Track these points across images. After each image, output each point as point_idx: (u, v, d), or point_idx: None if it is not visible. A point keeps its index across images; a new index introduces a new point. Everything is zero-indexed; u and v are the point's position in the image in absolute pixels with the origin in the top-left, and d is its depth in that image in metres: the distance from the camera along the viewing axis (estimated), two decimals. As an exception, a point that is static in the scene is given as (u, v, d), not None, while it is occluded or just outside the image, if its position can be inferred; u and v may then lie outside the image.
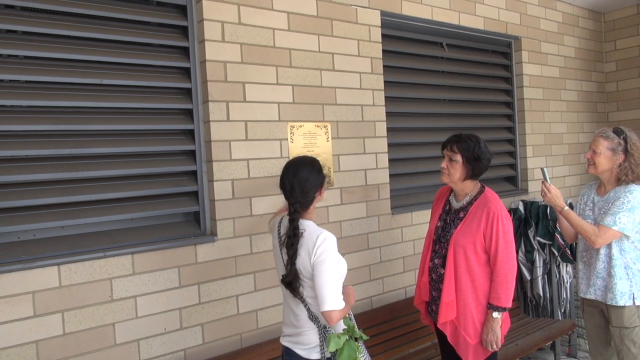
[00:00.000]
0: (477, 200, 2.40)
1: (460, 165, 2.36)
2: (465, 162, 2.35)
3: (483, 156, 2.36)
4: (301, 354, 2.02)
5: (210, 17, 2.66)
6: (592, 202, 2.77)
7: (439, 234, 2.50)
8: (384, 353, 3.14)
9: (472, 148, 2.34)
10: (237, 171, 2.74)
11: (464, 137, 2.38)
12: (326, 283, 1.90)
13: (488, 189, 2.45)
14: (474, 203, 2.40)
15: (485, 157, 2.37)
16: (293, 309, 2.05)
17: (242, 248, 2.75)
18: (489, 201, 2.36)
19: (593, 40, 5.34)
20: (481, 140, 2.40)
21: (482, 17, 4.16)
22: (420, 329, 3.32)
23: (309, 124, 3.04)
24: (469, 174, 2.38)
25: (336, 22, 3.19)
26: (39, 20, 2.31)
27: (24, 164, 2.26)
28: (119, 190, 2.44)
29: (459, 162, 2.36)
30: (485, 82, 4.35)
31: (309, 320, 2.00)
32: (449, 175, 2.40)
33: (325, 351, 1.96)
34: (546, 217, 3.94)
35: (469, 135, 2.40)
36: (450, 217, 2.49)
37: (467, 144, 2.35)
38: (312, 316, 2.00)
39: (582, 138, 5.14)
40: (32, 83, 2.31)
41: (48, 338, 2.18)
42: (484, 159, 2.36)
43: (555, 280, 4.02)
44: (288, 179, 2.02)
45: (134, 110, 2.55)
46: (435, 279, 2.46)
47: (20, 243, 2.23)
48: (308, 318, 2.01)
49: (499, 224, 2.29)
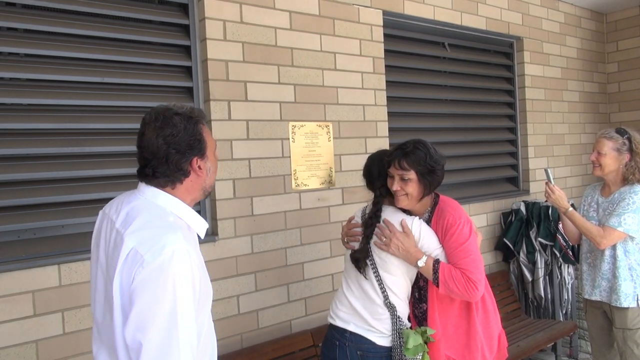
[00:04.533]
0: (434, 215, 2.04)
1: (415, 183, 1.95)
2: (420, 177, 1.95)
3: (437, 165, 1.97)
4: (374, 340, 1.98)
5: (212, 15, 2.65)
6: (597, 203, 2.75)
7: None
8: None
9: (424, 159, 1.94)
10: (238, 170, 2.73)
11: (410, 148, 1.97)
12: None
13: (442, 197, 2.09)
14: (432, 219, 2.04)
15: (440, 165, 1.98)
16: (369, 294, 2.00)
17: (243, 248, 2.74)
18: (443, 212, 2.01)
19: (595, 41, 5.33)
20: (429, 145, 2.00)
21: (484, 17, 4.15)
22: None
23: (311, 123, 3.03)
24: (427, 191, 1.99)
25: (338, 21, 3.18)
26: (40, 18, 2.30)
27: (24, 162, 2.25)
28: (120, 189, 2.42)
29: (413, 180, 1.95)
30: (487, 82, 4.34)
31: (385, 307, 1.98)
32: (407, 196, 1.97)
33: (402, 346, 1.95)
34: (548, 218, 3.92)
35: (415, 144, 1.98)
36: None
37: (417, 156, 1.94)
38: (389, 304, 1.98)
39: (584, 139, 5.13)
40: (32, 81, 2.30)
41: (48, 337, 2.17)
42: (438, 169, 1.98)
43: (557, 282, 4.00)
44: (377, 166, 2.09)
45: (135, 109, 2.54)
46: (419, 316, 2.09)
47: (20, 242, 2.22)
48: (384, 305, 1.98)
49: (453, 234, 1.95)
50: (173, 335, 1.16)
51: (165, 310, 1.16)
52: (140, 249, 1.20)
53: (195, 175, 1.37)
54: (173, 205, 1.34)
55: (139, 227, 1.25)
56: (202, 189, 1.41)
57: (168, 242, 1.21)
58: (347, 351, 2.00)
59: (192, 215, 1.38)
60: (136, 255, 1.20)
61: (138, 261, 1.19)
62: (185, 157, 1.33)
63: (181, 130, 1.31)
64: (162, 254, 1.18)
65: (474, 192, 4.18)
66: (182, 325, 1.18)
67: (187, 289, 1.20)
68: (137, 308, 1.17)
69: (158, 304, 1.16)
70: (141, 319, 1.16)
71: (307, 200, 3.01)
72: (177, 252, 1.20)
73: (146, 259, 1.18)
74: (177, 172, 1.33)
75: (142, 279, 1.17)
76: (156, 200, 1.33)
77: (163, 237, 1.22)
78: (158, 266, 1.18)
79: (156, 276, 1.17)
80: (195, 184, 1.38)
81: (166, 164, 1.31)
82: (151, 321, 1.16)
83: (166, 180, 1.34)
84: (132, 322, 1.17)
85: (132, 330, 1.17)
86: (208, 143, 1.39)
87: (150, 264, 1.18)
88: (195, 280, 1.24)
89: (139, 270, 1.18)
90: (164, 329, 1.16)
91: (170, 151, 1.30)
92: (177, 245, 1.21)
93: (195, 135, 1.34)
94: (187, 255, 1.22)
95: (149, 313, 1.16)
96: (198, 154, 1.35)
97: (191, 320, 1.21)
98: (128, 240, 1.23)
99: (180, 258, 1.20)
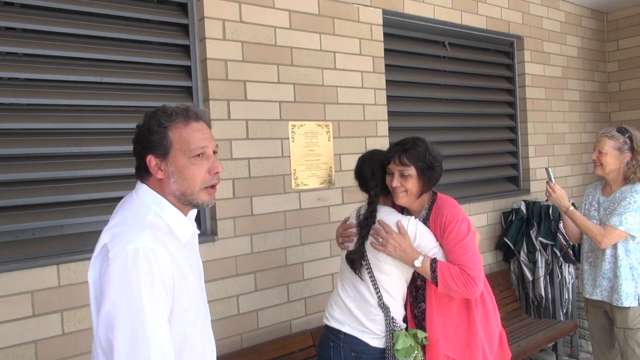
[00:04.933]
0: (432, 213, 2.05)
1: (415, 180, 1.98)
2: (420, 173, 1.98)
3: (436, 162, 2.01)
4: (368, 341, 1.98)
5: (211, 15, 2.64)
6: (597, 203, 2.75)
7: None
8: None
9: (424, 155, 1.98)
10: (237, 170, 2.72)
11: (410, 144, 2.00)
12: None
13: (439, 195, 2.11)
14: (430, 217, 2.05)
15: (438, 162, 2.02)
16: (363, 295, 2.00)
17: (242, 248, 2.73)
18: (441, 209, 2.02)
19: (596, 40, 5.32)
20: (428, 142, 2.04)
21: (485, 16, 4.14)
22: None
23: (310, 123, 3.02)
24: (426, 187, 2.02)
25: (338, 20, 3.17)
26: (38, 18, 2.29)
27: (23, 162, 2.24)
28: (119, 189, 2.42)
29: (413, 176, 1.97)
30: (487, 81, 4.33)
31: (379, 307, 1.97)
32: (406, 193, 1.99)
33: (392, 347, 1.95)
34: (548, 217, 3.91)
35: (415, 141, 2.02)
36: None
37: (417, 152, 1.98)
38: (383, 305, 1.97)
39: (585, 138, 5.12)
40: (31, 81, 2.29)
41: (47, 338, 2.16)
42: (437, 165, 2.01)
43: (557, 281, 3.99)
44: (369, 166, 2.11)
45: (134, 109, 2.53)
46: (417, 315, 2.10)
47: (19, 242, 2.21)
48: (378, 305, 1.97)
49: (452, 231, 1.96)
50: (140, 334, 1.15)
51: (130, 308, 1.16)
52: (109, 246, 1.21)
53: (155, 177, 1.34)
54: (156, 203, 1.33)
55: (116, 223, 1.28)
56: (171, 193, 1.34)
57: (132, 240, 1.20)
58: (342, 352, 2.00)
59: (175, 216, 1.35)
60: (105, 252, 1.21)
61: (104, 259, 1.20)
62: (141, 154, 1.35)
63: (146, 126, 1.34)
64: (124, 252, 1.18)
65: (475, 191, 4.17)
66: (150, 323, 1.17)
67: (155, 287, 1.19)
68: (104, 307, 1.17)
69: (122, 302, 1.16)
70: (109, 318, 1.16)
71: (307, 200, 3.00)
72: (139, 250, 1.19)
73: (110, 257, 1.19)
74: (140, 167, 1.36)
75: (107, 277, 1.18)
76: (143, 197, 1.34)
77: (129, 235, 1.22)
78: (120, 264, 1.17)
79: (119, 275, 1.17)
80: (163, 186, 1.34)
81: (135, 155, 1.37)
82: (117, 320, 1.16)
83: (138, 175, 1.38)
84: (101, 321, 1.18)
85: (103, 329, 1.18)
86: (176, 145, 1.33)
87: (113, 262, 1.18)
88: (164, 278, 1.21)
89: (104, 269, 1.19)
90: (130, 328, 1.15)
91: (135, 144, 1.37)
92: (140, 244, 1.20)
93: (156, 133, 1.31)
94: (151, 254, 1.20)
95: (115, 312, 1.16)
96: (153, 152, 1.32)
97: (161, 319, 1.20)
98: (104, 236, 1.25)
99: (143, 257, 1.19)
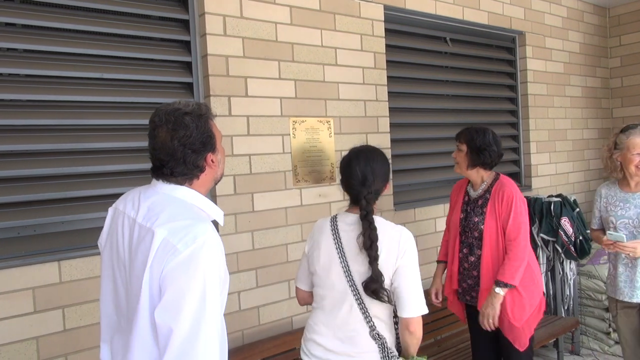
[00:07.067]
0: (493, 187, 2.52)
1: (464, 155, 2.54)
2: (469, 151, 2.51)
3: (488, 147, 2.49)
4: None
5: (212, 10, 2.63)
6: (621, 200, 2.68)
7: (463, 225, 2.60)
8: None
9: (475, 138, 2.50)
10: (238, 166, 2.72)
11: (471, 129, 2.56)
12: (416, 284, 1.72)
13: (503, 175, 2.59)
14: (491, 190, 2.52)
15: (491, 148, 2.49)
16: (350, 324, 1.75)
17: (243, 244, 2.73)
18: (503, 185, 2.49)
19: (598, 36, 5.30)
20: (489, 133, 2.53)
21: (486, 12, 4.12)
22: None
23: (312, 119, 3.01)
24: (473, 163, 2.52)
25: (339, 16, 3.15)
26: (38, 14, 2.28)
27: (23, 158, 2.23)
28: (120, 185, 2.42)
29: (463, 152, 2.54)
30: (489, 77, 4.32)
31: (371, 339, 1.74)
32: (458, 164, 2.59)
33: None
34: (550, 213, 3.90)
35: (477, 128, 2.56)
36: (470, 207, 2.60)
37: (471, 135, 2.52)
38: (376, 335, 1.75)
39: (586, 134, 5.10)
40: (31, 77, 2.29)
41: (48, 334, 2.16)
42: (489, 150, 2.49)
43: (559, 278, 3.99)
44: (360, 167, 1.78)
45: (135, 105, 2.53)
46: (467, 267, 2.57)
47: (20, 238, 2.21)
48: (370, 336, 1.74)
49: (512, 205, 2.41)
50: (201, 322, 1.20)
51: (196, 298, 1.20)
52: (172, 240, 1.24)
53: (209, 169, 1.43)
54: (192, 198, 1.39)
55: (167, 219, 1.30)
56: (214, 179, 1.49)
57: (199, 232, 1.25)
58: None
59: (210, 205, 1.44)
60: (167, 245, 1.24)
61: (170, 251, 1.23)
62: (201, 155, 1.39)
63: (194, 130, 1.36)
64: (194, 244, 1.23)
65: (476, 187, 4.15)
66: (210, 313, 1.22)
67: (215, 279, 1.25)
68: (168, 295, 1.21)
69: (190, 292, 1.20)
70: (173, 306, 1.20)
71: (308, 196, 3.00)
72: (207, 242, 1.25)
73: (179, 248, 1.22)
74: (194, 169, 1.39)
75: (173, 267, 1.21)
76: (175, 194, 1.38)
77: (194, 228, 1.26)
78: (189, 255, 1.22)
79: (187, 265, 1.21)
80: (209, 176, 1.45)
81: (184, 164, 1.37)
82: (182, 308, 1.19)
83: (184, 178, 1.40)
84: (162, 308, 1.21)
85: (163, 316, 1.20)
86: (217, 137, 1.45)
87: (182, 252, 1.22)
88: (221, 270, 1.29)
89: (170, 259, 1.22)
90: (193, 317, 1.19)
91: (186, 152, 1.36)
92: (207, 235, 1.26)
93: (207, 133, 1.40)
94: (217, 246, 1.28)
95: (181, 300, 1.20)
96: (211, 150, 1.42)
97: (218, 308, 1.26)
98: (159, 232, 1.26)
99: (211, 248, 1.25)
